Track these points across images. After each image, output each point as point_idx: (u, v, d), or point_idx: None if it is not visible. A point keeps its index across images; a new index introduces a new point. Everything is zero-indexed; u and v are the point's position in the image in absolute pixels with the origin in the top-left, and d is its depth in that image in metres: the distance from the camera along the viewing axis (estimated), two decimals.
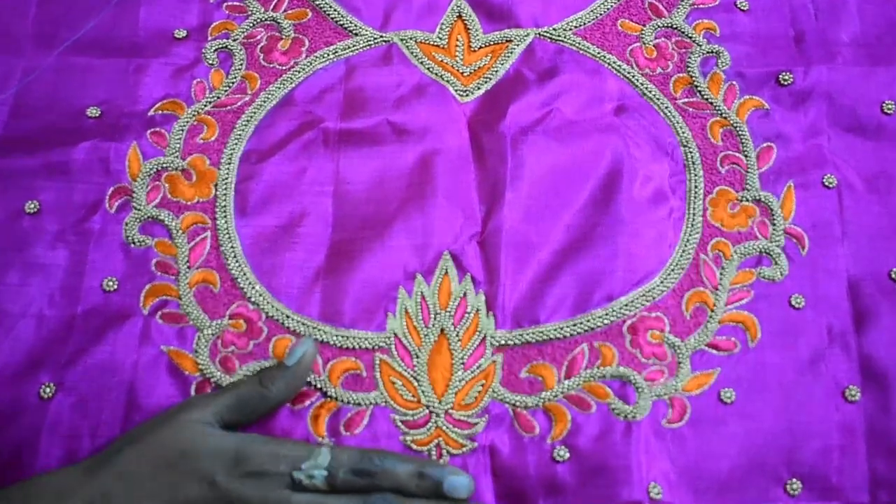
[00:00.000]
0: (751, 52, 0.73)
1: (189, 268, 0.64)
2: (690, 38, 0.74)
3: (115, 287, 0.63)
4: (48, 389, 0.59)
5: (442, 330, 0.62)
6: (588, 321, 0.62)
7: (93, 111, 0.69)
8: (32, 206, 0.65)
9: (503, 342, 0.62)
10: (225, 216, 0.66)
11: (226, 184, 0.67)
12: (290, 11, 0.74)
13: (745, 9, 0.75)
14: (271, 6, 0.74)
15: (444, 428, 0.59)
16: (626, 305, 0.63)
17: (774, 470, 0.59)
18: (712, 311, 0.63)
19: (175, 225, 0.65)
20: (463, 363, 0.61)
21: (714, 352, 0.62)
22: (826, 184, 0.68)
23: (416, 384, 0.61)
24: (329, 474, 0.54)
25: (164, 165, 0.67)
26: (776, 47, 0.74)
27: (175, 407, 0.57)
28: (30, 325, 0.61)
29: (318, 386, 0.60)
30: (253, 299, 0.63)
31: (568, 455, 0.59)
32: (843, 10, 0.75)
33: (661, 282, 0.64)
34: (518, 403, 0.60)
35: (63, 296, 0.62)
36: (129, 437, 0.56)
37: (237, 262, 0.64)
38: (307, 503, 0.53)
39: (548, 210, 0.66)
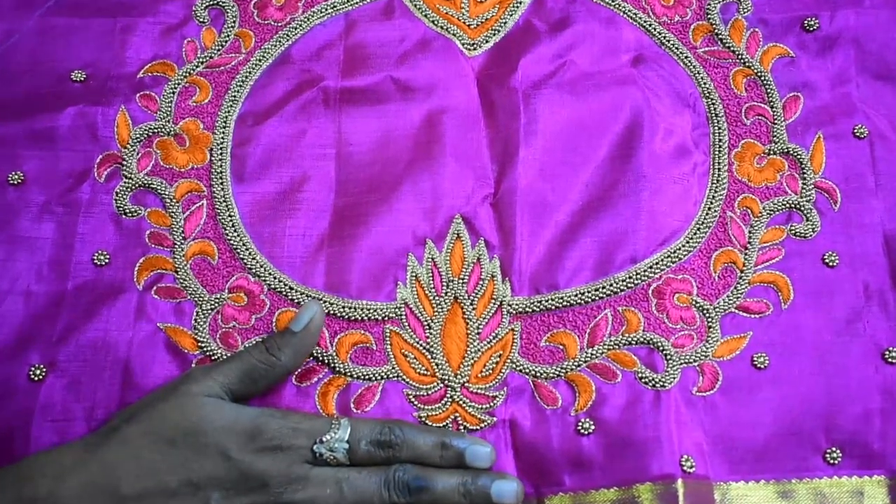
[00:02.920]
0: None
1: (185, 239, 0.61)
2: None
3: (107, 261, 0.60)
4: (38, 371, 0.56)
5: (455, 298, 0.59)
6: (611, 285, 0.60)
7: (78, 75, 0.66)
8: (16, 176, 0.62)
9: (521, 309, 0.59)
10: (221, 183, 0.63)
11: (221, 148, 0.64)
12: None
13: None
14: None
15: (460, 402, 0.57)
16: (651, 267, 0.60)
17: (812, 437, 0.57)
18: (742, 271, 0.61)
19: (169, 193, 0.62)
20: (479, 333, 0.59)
21: (745, 314, 0.60)
22: (857, 134, 0.65)
23: (429, 356, 0.58)
24: (350, 447, 0.52)
25: (155, 130, 0.64)
26: None
27: (175, 380, 0.54)
28: (17, 302, 0.58)
29: (326, 361, 0.58)
30: (254, 271, 0.60)
31: (593, 427, 0.56)
32: None
33: (687, 241, 0.61)
34: (539, 374, 0.58)
35: (52, 271, 0.60)
36: (128, 414, 0.53)
37: (236, 231, 0.61)
38: (328, 477, 0.51)
39: (565, 167, 0.63)
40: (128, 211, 0.61)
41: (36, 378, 0.56)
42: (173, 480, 0.50)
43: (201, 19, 0.69)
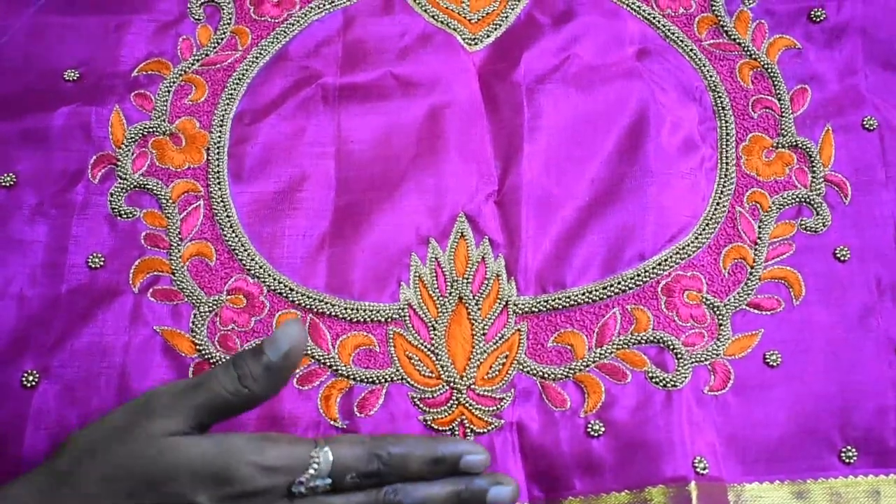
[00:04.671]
0: None
1: (181, 240, 0.60)
2: None
3: (102, 263, 0.59)
4: (31, 378, 0.55)
5: (460, 298, 0.58)
6: (619, 283, 0.59)
7: (71, 73, 0.64)
8: (8, 178, 0.60)
9: (527, 309, 0.58)
10: (219, 183, 0.62)
11: (218, 148, 0.63)
12: None
13: None
14: None
15: (466, 405, 0.55)
16: (660, 264, 0.59)
17: (827, 436, 0.56)
18: (752, 267, 0.60)
19: (165, 194, 0.61)
20: (484, 334, 0.57)
21: (756, 311, 0.59)
22: (866, 126, 0.64)
23: (434, 358, 0.57)
24: (333, 482, 0.47)
25: (151, 130, 0.63)
26: None
27: (134, 409, 0.47)
28: (10, 306, 0.57)
29: (328, 364, 0.56)
30: (253, 272, 0.59)
31: (603, 429, 0.55)
32: None
33: (696, 237, 0.60)
34: (546, 375, 0.56)
35: (45, 274, 0.58)
36: (84, 446, 0.47)
37: (234, 232, 0.60)
38: None
39: (570, 163, 0.62)
40: (123, 212, 0.60)
41: (29, 384, 0.55)
42: None
43: (197, 16, 0.67)
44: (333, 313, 0.58)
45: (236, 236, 0.60)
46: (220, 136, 0.63)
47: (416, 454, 0.49)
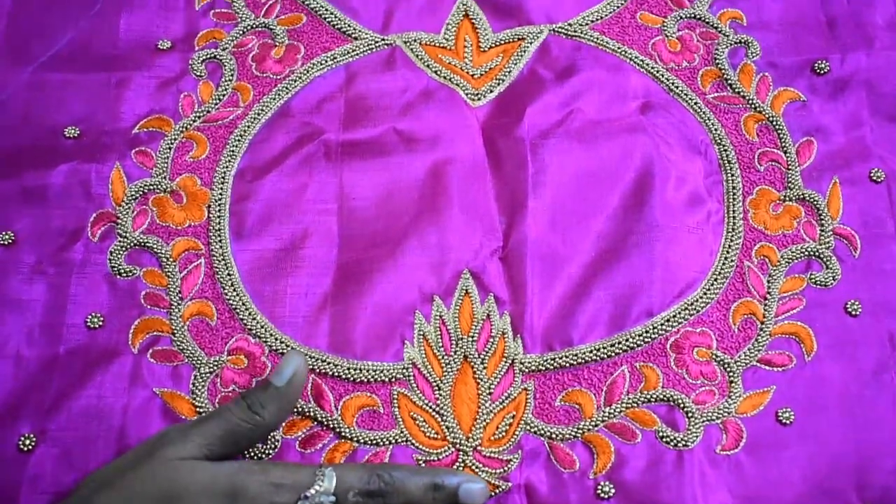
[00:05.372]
0: (782, 41, 0.70)
1: (182, 299, 0.59)
2: (716, 28, 0.70)
3: (101, 323, 0.58)
4: (28, 441, 0.54)
5: (465, 357, 0.57)
6: (627, 340, 0.58)
7: (71, 131, 0.64)
8: (7, 236, 0.60)
9: (534, 367, 0.57)
10: (220, 241, 0.61)
11: (219, 205, 0.62)
12: (283, 17, 0.70)
13: None
14: (262, 12, 0.71)
15: (472, 467, 0.54)
16: (668, 321, 0.58)
17: (843, 496, 0.54)
18: (762, 322, 0.59)
19: (165, 252, 0.60)
20: (490, 393, 0.56)
21: (767, 368, 0.58)
22: (874, 178, 0.64)
23: (439, 419, 0.56)
24: (337, 499, 0.49)
25: (151, 187, 0.63)
26: (808, 34, 0.70)
27: (150, 441, 0.50)
28: (6, 367, 0.56)
29: (332, 426, 0.55)
30: (254, 331, 0.58)
31: (613, 491, 0.53)
32: None
33: (704, 293, 0.59)
34: (554, 435, 0.55)
35: (43, 334, 0.57)
36: (98, 481, 0.49)
37: (235, 290, 0.59)
38: None
39: (575, 218, 0.62)
40: (122, 271, 0.59)
41: (25, 448, 0.53)
42: None
43: (198, 73, 0.67)
44: (336, 374, 0.57)
45: (237, 295, 0.59)
46: (221, 194, 0.63)
47: (416, 478, 0.50)
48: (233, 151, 0.64)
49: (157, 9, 0.70)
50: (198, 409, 0.55)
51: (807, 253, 0.61)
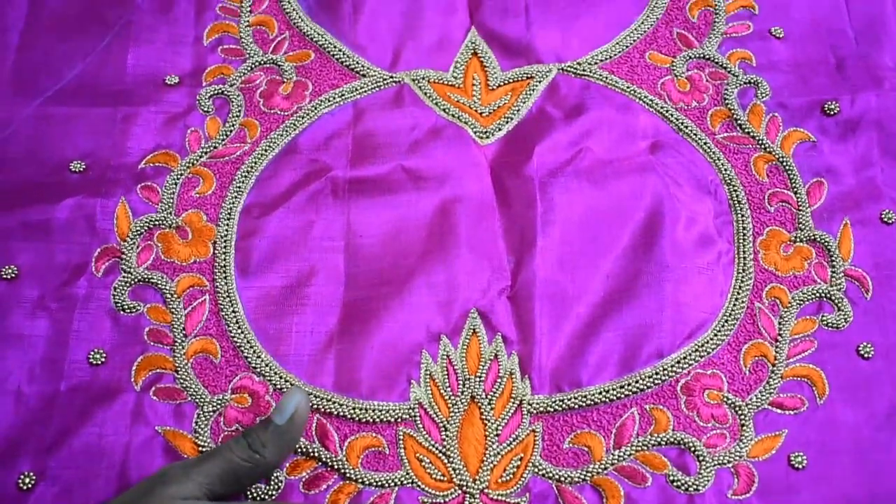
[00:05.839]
0: (791, 82, 0.70)
1: (186, 336, 0.58)
2: (725, 68, 0.70)
3: (103, 360, 0.57)
4: (28, 480, 0.53)
5: (472, 398, 0.57)
6: (637, 382, 0.57)
7: (77, 165, 0.64)
8: (10, 270, 0.59)
9: (542, 409, 0.56)
10: (225, 277, 0.60)
11: (225, 241, 0.62)
12: (291, 53, 0.70)
13: (781, 36, 0.72)
14: (271, 48, 0.71)
15: None
16: (679, 362, 0.58)
17: None
18: (773, 365, 0.58)
19: (169, 288, 0.60)
20: (498, 435, 0.55)
21: (779, 411, 0.57)
22: (885, 219, 0.63)
23: (445, 461, 0.55)
24: None
25: (157, 223, 0.62)
26: (817, 75, 0.70)
27: (150, 480, 0.49)
28: (7, 403, 0.55)
29: (336, 467, 0.54)
30: (258, 370, 0.57)
31: None
32: (883, 32, 0.72)
33: (715, 334, 0.59)
34: (563, 478, 0.54)
35: (44, 370, 0.57)
36: None
37: (240, 328, 0.59)
38: None
39: (584, 258, 0.61)
40: (126, 307, 0.59)
41: (25, 487, 0.53)
42: None
43: (205, 108, 0.67)
44: (341, 413, 0.56)
45: (242, 333, 0.58)
46: (227, 230, 0.62)
47: None
48: (239, 187, 0.64)
49: (166, 44, 0.70)
50: (200, 449, 0.54)
51: (818, 294, 0.60)
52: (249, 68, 0.69)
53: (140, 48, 0.69)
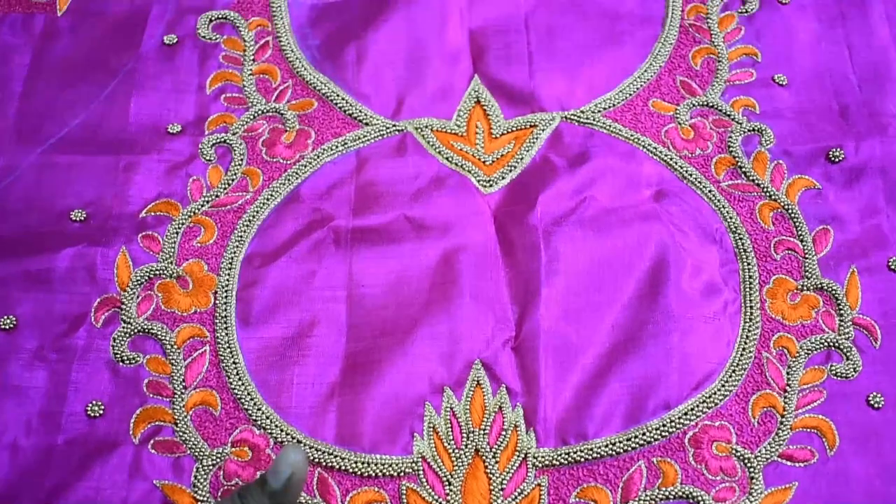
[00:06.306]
0: (795, 129, 0.69)
1: (185, 388, 0.58)
2: (729, 116, 0.70)
3: (102, 412, 0.57)
4: None
5: (476, 451, 0.56)
6: (644, 434, 0.56)
7: (77, 214, 0.64)
8: (8, 321, 0.59)
9: (547, 462, 0.56)
10: (226, 328, 0.60)
11: (226, 291, 0.62)
12: (294, 102, 0.70)
13: (784, 83, 0.72)
14: (273, 97, 0.71)
15: None
16: (686, 414, 0.57)
17: None
18: (782, 416, 0.57)
19: (169, 339, 0.59)
20: (502, 489, 0.55)
21: (789, 463, 0.56)
22: (892, 267, 0.63)
23: None
24: None
25: (157, 272, 0.62)
26: (822, 122, 0.70)
27: None
28: (3, 457, 0.55)
29: None
30: (259, 422, 0.57)
31: None
32: (887, 78, 0.72)
33: (723, 385, 0.58)
34: None
35: (42, 422, 0.56)
36: None
37: (240, 379, 0.58)
38: None
39: (589, 308, 0.61)
40: (125, 358, 0.58)
41: None
42: None
43: (208, 157, 0.67)
44: (343, 467, 0.55)
45: (243, 384, 0.58)
46: (228, 280, 0.62)
47: None
48: (241, 237, 0.64)
49: (169, 92, 0.70)
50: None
51: (826, 344, 0.60)
52: (252, 117, 0.69)
53: (143, 96, 0.70)
